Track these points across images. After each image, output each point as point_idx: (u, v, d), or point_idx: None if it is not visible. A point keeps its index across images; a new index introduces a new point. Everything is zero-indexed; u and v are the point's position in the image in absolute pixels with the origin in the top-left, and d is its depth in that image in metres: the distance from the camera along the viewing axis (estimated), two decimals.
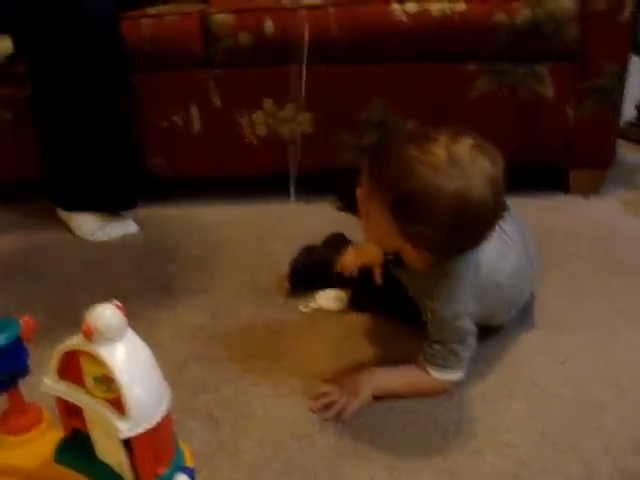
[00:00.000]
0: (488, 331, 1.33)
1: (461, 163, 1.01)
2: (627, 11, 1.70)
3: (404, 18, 1.71)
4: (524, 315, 1.39)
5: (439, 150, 1.02)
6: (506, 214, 1.30)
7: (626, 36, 1.75)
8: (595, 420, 1.14)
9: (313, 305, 1.47)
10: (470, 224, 1.04)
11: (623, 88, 1.80)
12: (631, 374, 1.24)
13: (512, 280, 1.28)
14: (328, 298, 1.48)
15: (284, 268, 1.55)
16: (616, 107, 1.82)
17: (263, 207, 1.90)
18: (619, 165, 1.97)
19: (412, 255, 1.11)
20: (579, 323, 1.38)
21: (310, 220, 1.83)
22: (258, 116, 1.85)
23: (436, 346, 1.19)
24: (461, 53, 1.76)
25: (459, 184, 1.00)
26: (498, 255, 1.24)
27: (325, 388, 1.22)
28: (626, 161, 2.08)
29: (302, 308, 1.47)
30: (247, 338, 1.39)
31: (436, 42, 1.74)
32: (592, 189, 1.90)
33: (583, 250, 1.64)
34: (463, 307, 1.18)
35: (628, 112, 2.18)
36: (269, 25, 1.73)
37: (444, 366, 1.20)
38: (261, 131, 1.87)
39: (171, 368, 1.30)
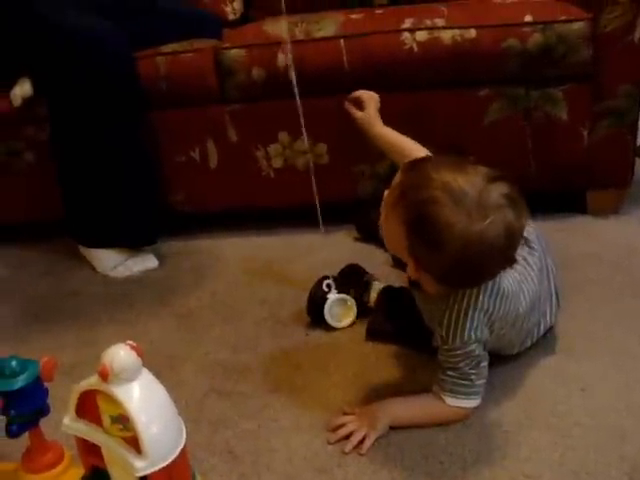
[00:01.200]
0: (507, 358, 1.32)
1: (487, 208, 1.03)
2: (638, 31, 1.70)
3: (415, 47, 1.72)
4: (542, 340, 1.37)
5: (471, 188, 1.04)
6: (532, 245, 1.31)
7: (639, 56, 1.74)
8: (617, 449, 1.12)
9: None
10: (474, 266, 1.07)
11: (638, 107, 1.79)
12: None
13: (530, 313, 1.28)
14: (334, 316, 1.50)
15: (304, 300, 1.56)
16: (632, 127, 1.81)
17: (283, 239, 1.91)
18: (638, 185, 1.95)
19: (413, 272, 1.13)
20: (599, 349, 1.37)
21: (330, 251, 1.84)
22: (274, 149, 1.87)
23: (450, 372, 1.19)
24: (474, 79, 1.77)
25: (477, 227, 1.02)
26: (519, 287, 1.24)
27: (342, 419, 1.23)
28: None
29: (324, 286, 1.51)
30: (267, 372, 1.39)
31: (448, 69, 1.75)
32: (611, 210, 1.89)
33: (603, 273, 1.63)
34: (474, 334, 1.17)
35: None
36: (281, 59, 1.75)
37: (458, 392, 1.19)
38: (277, 163, 1.89)
39: (191, 403, 1.31)
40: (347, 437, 1.19)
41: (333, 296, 1.51)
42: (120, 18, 1.75)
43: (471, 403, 1.20)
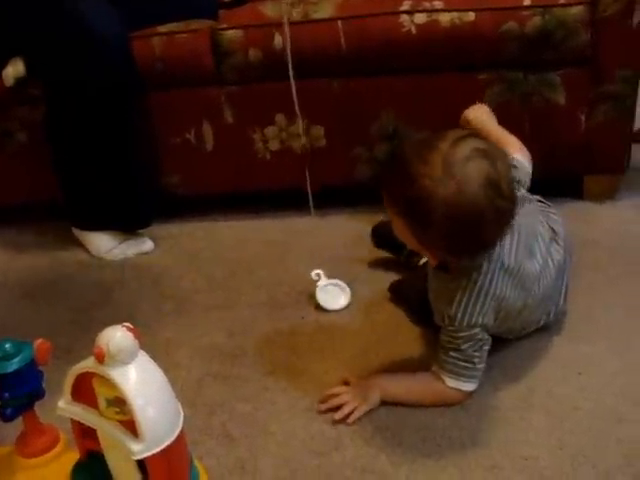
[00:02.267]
0: (505, 341, 1.32)
1: (454, 168, 1.04)
2: (637, 15, 1.69)
3: (413, 29, 1.71)
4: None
5: (436, 157, 1.05)
6: (560, 242, 1.32)
7: (637, 41, 1.73)
8: (614, 432, 1.13)
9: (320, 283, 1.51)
10: (467, 226, 1.06)
11: (636, 93, 1.78)
12: None
13: (537, 308, 1.29)
14: (327, 298, 1.51)
15: (301, 284, 1.57)
16: (630, 112, 1.79)
17: (279, 222, 1.90)
18: (634, 170, 1.94)
19: (430, 257, 1.15)
20: (597, 333, 1.37)
21: (326, 234, 1.83)
22: (270, 131, 1.86)
23: (452, 353, 1.19)
24: (472, 63, 1.75)
25: (449, 190, 1.03)
26: (536, 279, 1.25)
27: (336, 389, 1.23)
28: None
29: (314, 275, 1.52)
30: (264, 355, 1.39)
31: (446, 52, 1.73)
32: (607, 195, 1.88)
33: (600, 258, 1.62)
34: (482, 318, 1.17)
35: None
36: (278, 40, 1.73)
37: (459, 374, 1.19)
38: (274, 146, 1.87)
39: (188, 387, 1.31)
40: (339, 408, 1.20)
41: (322, 283, 1.52)
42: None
43: (470, 386, 1.20)
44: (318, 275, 1.52)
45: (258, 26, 1.76)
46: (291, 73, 1.67)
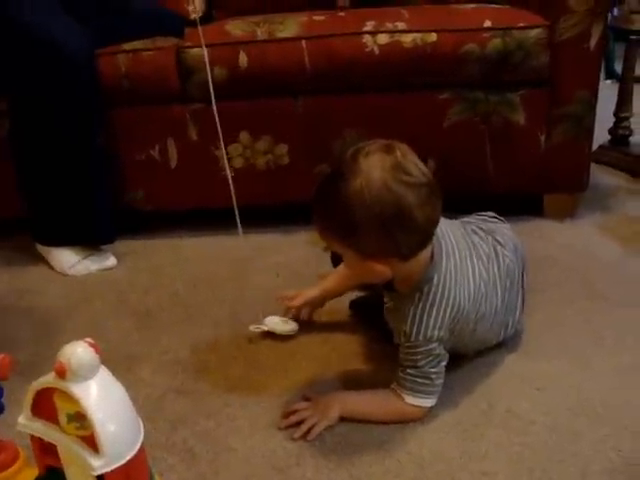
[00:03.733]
0: (464, 357, 1.34)
1: (357, 165, 1.08)
2: (594, 39, 1.74)
3: (376, 49, 1.74)
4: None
5: (342, 164, 1.10)
6: (504, 251, 1.34)
7: (594, 63, 1.79)
8: (571, 447, 1.15)
9: (264, 327, 1.48)
10: (393, 213, 1.07)
11: (594, 113, 1.83)
12: (605, 400, 1.24)
13: (493, 321, 1.30)
14: (276, 322, 1.49)
15: (264, 301, 1.57)
16: (588, 132, 1.84)
17: (243, 239, 1.90)
18: (593, 189, 1.99)
19: (382, 270, 1.13)
20: (554, 349, 1.39)
21: (289, 251, 1.84)
22: (234, 149, 1.87)
23: (410, 370, 1.20)
24: (434, 82, 1.79)
25: (357, 185, 1.06)
26: (486, 289, 1.26)
27: (296, 406, 1.25)
28: (600, 185, 2.10)
29: (253, 329, 1.47)
30: (226, 372, 1.39)
31: (408, 72, 1.76)
32: (567, 213, 1.92)
33: (559, 275, 1.66)
34: (437, 332, 1.18)
35: (601, 135, 2.21)
36: (243, 59, 1.75)
37: (417, 391, 1.21)
38: (238, 163, 1.88)
39: (150, 402, 1.31)
40: (299, 424, 1.21)
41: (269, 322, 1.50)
42: (91, 16, 1.74)
43: (429, 402, 1.22)
44: (257, 327, 1.48)
45: (223, 44, 1.77)
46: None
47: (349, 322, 1.53)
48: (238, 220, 1.68)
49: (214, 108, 1.54)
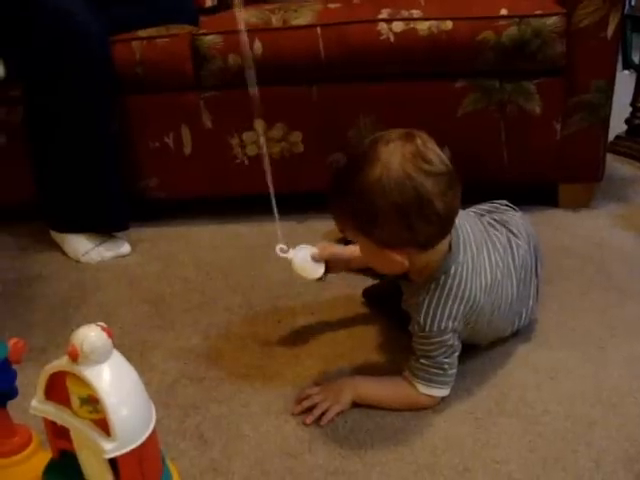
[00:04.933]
0: (477, 347, 1.33)
1: (377, 153, 1.07)
2: (611, 27, 1.72)
3: (391, 37, 1.72)
4: None
5: (361, 152, 1.10)
6: (518, 241, 1.34)
7: (611, 52, 1.76)
8: (585, 436, 1.14)
9: (289, 256, 1.38)
10: (413, 201, 1.05)
11: (611, 103, 1.81)
12: (619, 390, 1.24)
13: (508, 311, 1.29)
14: (304, 260, 1.39)
15: (277, 288, 1.58)
16: (604, 121, 1.82)
17: (256, 227, 1.91)
18: (609, 179, 1.97)
19: (400, 260, 1.12)
20: (569, 339, 1.38)
21: (303, 240, 1.82)
22: (248, 137, 1.87)
23: (423, 360, 1.20)
24: (449, 71, 1.77)
25: (377, 172, 1.06)
26: (502, 279, 1.25)
27: (308, 391, 1.25)
28: (616, 175, 2.09)
29: (278, 251, 1.40)
30: (239, 358, 1.39)
31: (424, 60, 1.75)
32: (582, 203, 1.91)
33: (574, 265, 1.64)
34: (451, 323, 1.18)
35: (618, 126, 2.19)
36: (258, 46, 1.75)
37: (430, 380, 1.20)
38: (252, 151, 1.88)
39: (162, 388, 1.31)
40: (311, 409, 1.22)
41: (294, 252, 1.41)
42: (109, 3, 1.74)
43: (442, 392, 1.21)
44: (283, 249, 1.42)
45: (238, 32, 1.76)
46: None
47: (362, 310, 1.53)
48: (275, 207, 1.68)
49: (256, 90, 1.52)
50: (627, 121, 2.28)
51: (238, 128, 1.86)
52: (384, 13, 1.74)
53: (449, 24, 1.71)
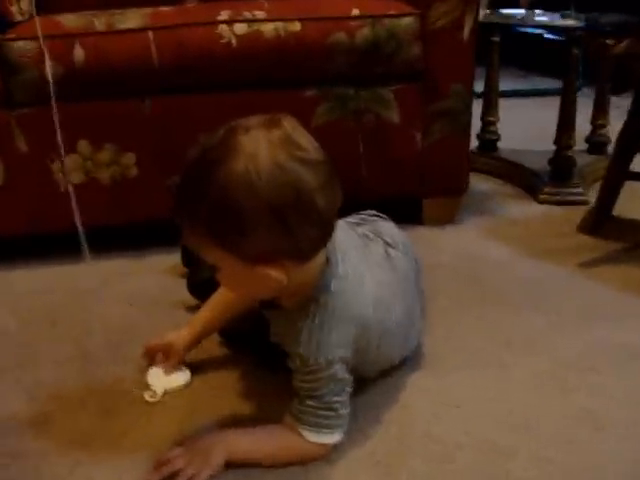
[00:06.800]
0: (367, 381, 1.13)
1: (236, 143, 0.86)
2: (467, 29, 1.63)
3: (234, 41, 1.54)
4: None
5: (213, 147, 0.88)
6: (392, 250, 1.17)
7: (468, 54, 1.67)
8: (503, 465, 0.97)
9: (157, 391, 1.17)
10: (285, 198, 0.85)
11: (470, 110, 1.71)
12: (528, 411, 1.09)
13: (395, 331, 1.11)
14: (164, 377, 1.19)
15: (117, 334, 1.33)
16: (465, 129, 1.73)
17: (87, 266, 1.62)
18: (469, 194, 1.87)
19: (276, 277, 0.90)
20: (464, 360, 1.23)
21: (141, 278, 1.58)
22: (72, 161, 1.59)
23: (309, 401, 0.98)
24: (300, 78, 1.61)
25: (239, 165, 0.84)
26: (387, 301, 1.07)
27: (168, 454, 0.98)
28: (475, 189, 1.99)
29: (148, 398, 1.16)
30: (75, 423, 1.11)
31: (270, 66, 1.58)
32: (447, 219, 1.79)
33: (451, 283, 1.51)
34: (340, 352, 0.97)
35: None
36: (79, 53, 1.49)
37: (319, 425, 0.98)
38: (77, 178, 1.61)
39: None
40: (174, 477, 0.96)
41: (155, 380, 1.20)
42: None
43: (334, 438, 1.00)
44: (152, 396, 1.17)
45: (55, 36, 1.51)
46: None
47: (221, 352, 1.29)
48: (84, 243, 1.42)
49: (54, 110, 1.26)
50: (478, 136, 2.22)
51: (59, 151, 1.58)
52: (224, 15, 1.55)
53: (297, 25, 1.55)
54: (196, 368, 1.22)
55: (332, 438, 0.99)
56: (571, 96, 1.93)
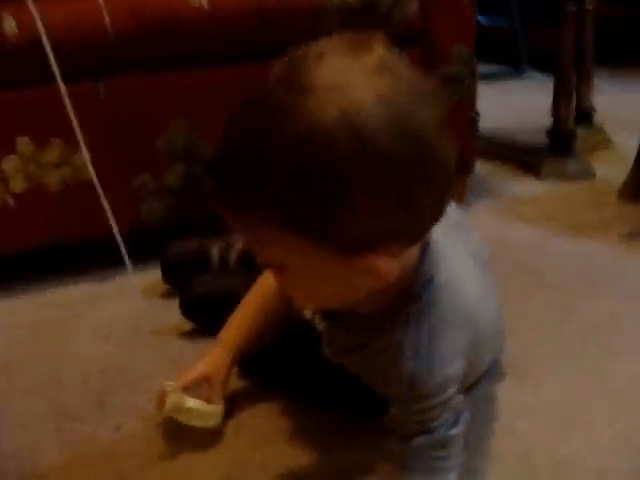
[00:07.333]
0: None
1: (312, 77, 0.60)
2: None
3: (205, 3, 1.27)
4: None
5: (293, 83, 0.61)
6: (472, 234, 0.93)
7: (469, 13, 1.48)
8: None
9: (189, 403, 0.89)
10: (405, 152, 0.59)
11: (475, 76, 1.51)
12: None
13: (495, 326, 0.88)
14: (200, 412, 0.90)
15: (97, 378, 1.05)
16: (471, 97, 1.52)
17: (49, 294, 1.31)
18: (471, 176, 1.65)
19: (386, 268, 0.63)
20: (554, 363, 1.00)
21: (113, 304, 1.27)
22: (11, 164, 1.27)
23: (419, 439, 0.72)
24: (284, 46, 1.34)
25: (331, 106, 0.57)
26: (483, 296, 0.83)
27: None
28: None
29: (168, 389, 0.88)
30: None
31: (250, 33, 1.31)
32: (456, 201, 1.56)
33: (499, 270, 1.28)
34: (456, 367, 0.72)
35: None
36: (10, 25, 1.19)
37: (434, 471, 0.73)
38: (19, 185, 1.29)
39: None
40: None
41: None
42: None
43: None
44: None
45: None
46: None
47: (241, 385, 1.01)
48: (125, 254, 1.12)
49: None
50: None
51: None
52: None
53: None
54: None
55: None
56: (565, 60, 1.75)
